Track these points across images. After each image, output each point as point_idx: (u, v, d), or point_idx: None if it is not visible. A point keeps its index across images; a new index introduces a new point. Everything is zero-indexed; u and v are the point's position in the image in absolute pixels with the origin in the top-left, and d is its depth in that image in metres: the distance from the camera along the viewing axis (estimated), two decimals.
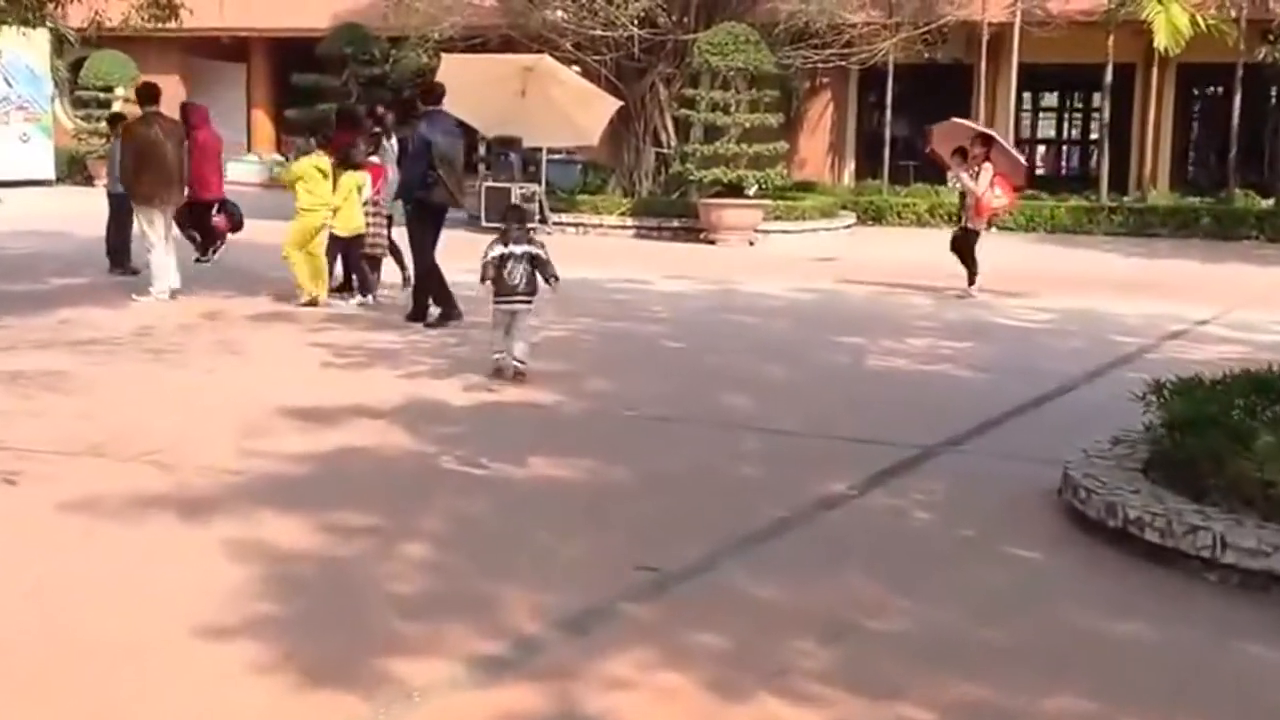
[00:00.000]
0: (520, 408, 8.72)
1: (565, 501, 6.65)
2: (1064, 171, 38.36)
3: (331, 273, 13.47)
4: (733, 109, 22.96)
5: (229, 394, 8.85)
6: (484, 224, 19.96)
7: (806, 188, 28.11)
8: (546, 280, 9.69)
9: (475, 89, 22.41)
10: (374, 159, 13.61)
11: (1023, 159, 16.95)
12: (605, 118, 22.82)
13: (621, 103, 22.98)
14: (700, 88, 23.37)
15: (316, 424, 7.98)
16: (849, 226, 25.58)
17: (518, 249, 9.62)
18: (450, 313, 11.94)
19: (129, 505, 6.28)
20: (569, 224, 23.92)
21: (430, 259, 12.08)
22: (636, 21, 23.46)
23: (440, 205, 12.04)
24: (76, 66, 30.67)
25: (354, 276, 13.57)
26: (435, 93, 12.57)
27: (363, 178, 13.24)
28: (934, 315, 13.99)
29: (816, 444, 8.05)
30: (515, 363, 9.51)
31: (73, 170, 30.64)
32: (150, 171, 13.04)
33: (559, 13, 24.14)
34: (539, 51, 22.98)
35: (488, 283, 9.59)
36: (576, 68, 24.15)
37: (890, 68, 27.75)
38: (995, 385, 10.12)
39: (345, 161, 13.49)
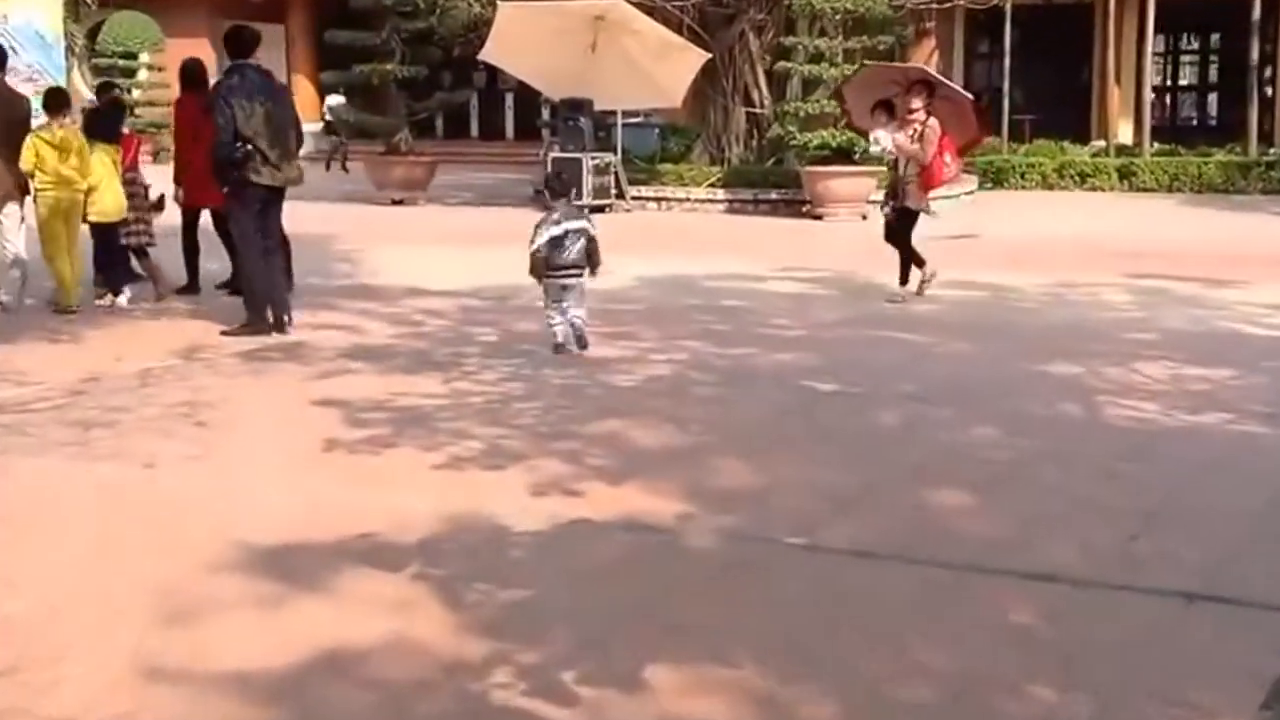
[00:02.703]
0: (621, 532, 5.47)
1: None
2: (1174, 121, 34.50)
3: (100, 266, 11.08)
4: (838, 60, 19.58)
5: (164, 513, 5.66)
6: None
7: None
8: (592, 267, 9.08)
9: (537, 43, 19.24)
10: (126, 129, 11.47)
11: (969, 98, 12.52)
12: (690, 74, 19.56)
13: (709, 55, 19.63)
14: (799, 34, 20.02)
15: (287, 586, 4.78)
16: (970, 193, 22.15)
17: (572, 224, 8.98)
18: (255, 323, 9.62)
19: None
20: (649, 198, 20.71)
21: (253, 251, 9.77)
22: None
23: (263, 186, 9.57)
24: (95, 32, 27.66)
25: (116, 269, 11.10)
26: (244, 41, 9.59)
27: (113, 152, 10.83)
28: (1147, 323, 10.60)
29: (1123, 606, 4.74)
30: (578, 321, 8.96)
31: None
32: None
33: None
34: None
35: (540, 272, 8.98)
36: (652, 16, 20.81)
37: (1009, 9, 24.32)
38: None
39: (92, 132, 10.79)
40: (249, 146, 9.37)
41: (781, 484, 6.16)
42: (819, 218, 18.94)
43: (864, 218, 18.99)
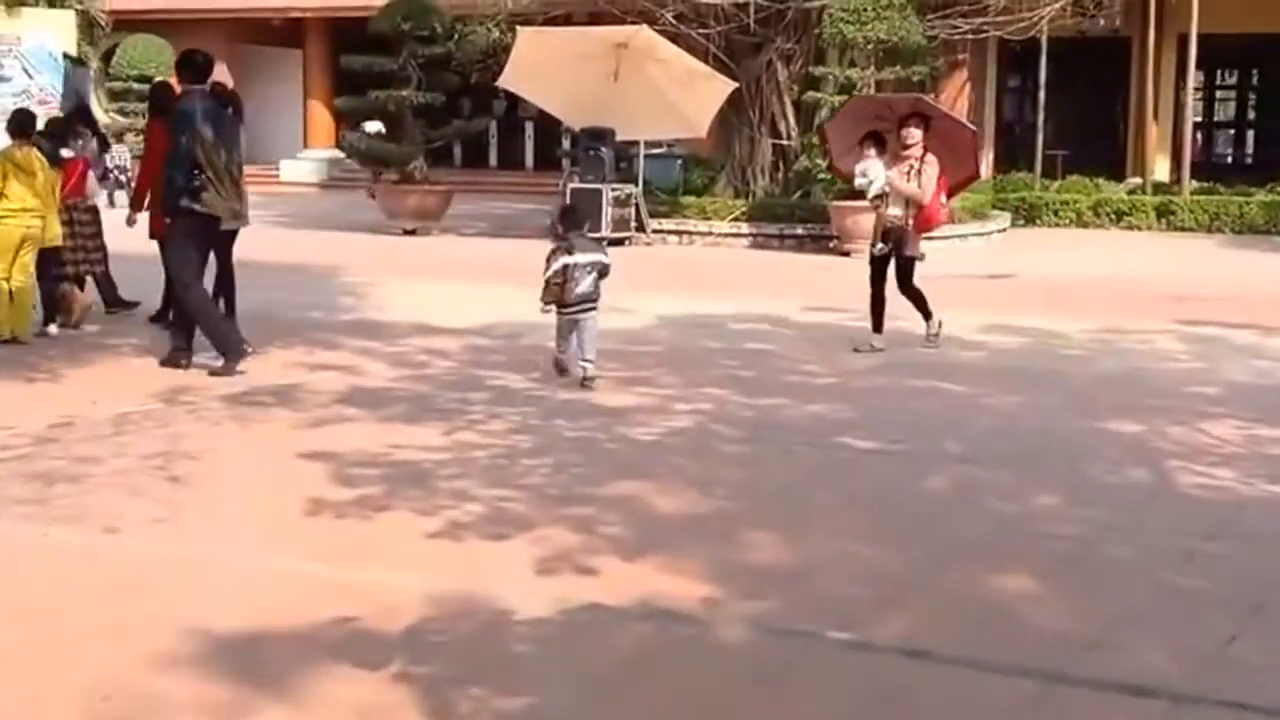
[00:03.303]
0: (639, 622, 4.75)
1: None
2: (1209, 158, 33.62)
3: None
4: (870, 91, 18.90)
5: (118, 589, 4.96)
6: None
7: None
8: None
9: (558, 70, 18.62)
10: (66, 152, 10.72)
11: (971, 128, 11.48)
12: (716, 103, 18.93)
13: (735, 85, 18.97)
14: (829, 64, 19.36)
15: (245, 688, 4.08)
16: (1003, 230, 21.46)
17: (584, 258, 8.80)
18: (229, 357, 9.02)
19: None
20: (670, 231, 20.03)
21: (196, 285, 9.20)
22: None
23: (213, 217, 8.99)
24: (109, 55, 27.15)
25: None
26: (198, 66, 8.97)
27: (53, 178, 10.28)
28: (1207, 375, 9.84)
29: None
30: (584, 364, 8.75)
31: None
32: None
33: None
34: (634, 24, 19.04)
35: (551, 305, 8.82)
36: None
37: (1044, 41, 23.62)
38: None
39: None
40: (205, 175, 8.82)
41: (819, 562, 5.44)
42: (847, 254, 18.16)
43: None
